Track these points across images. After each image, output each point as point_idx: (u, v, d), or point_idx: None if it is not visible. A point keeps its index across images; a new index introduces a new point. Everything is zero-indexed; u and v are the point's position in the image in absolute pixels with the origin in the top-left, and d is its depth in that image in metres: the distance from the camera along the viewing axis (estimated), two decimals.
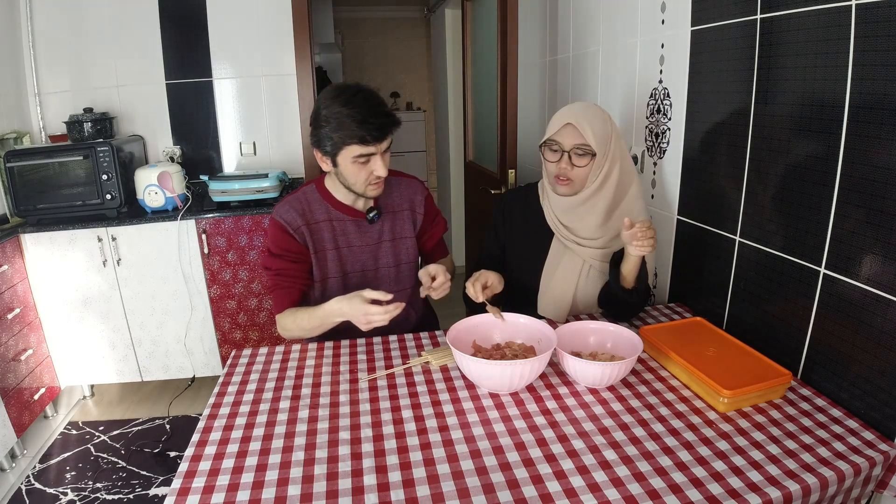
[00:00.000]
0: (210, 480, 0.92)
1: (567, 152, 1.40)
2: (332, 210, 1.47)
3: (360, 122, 1.27)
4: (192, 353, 2.60)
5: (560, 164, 1.42)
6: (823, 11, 1.09)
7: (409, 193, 1.55)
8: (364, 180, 1.36)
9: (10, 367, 2.17)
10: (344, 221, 1.47)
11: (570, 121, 1.39)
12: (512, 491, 0.87)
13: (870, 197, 1.03)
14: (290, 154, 2.94)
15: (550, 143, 1.43)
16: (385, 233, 1.51)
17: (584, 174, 1.42)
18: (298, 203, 1.46)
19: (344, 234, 1.48)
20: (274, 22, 2.78)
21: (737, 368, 1.14)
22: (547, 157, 1.45)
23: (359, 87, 1.33)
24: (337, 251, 1.47)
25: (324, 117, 1.30)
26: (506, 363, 1.08)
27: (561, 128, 1.40)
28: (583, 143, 1.39)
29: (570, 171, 1.41)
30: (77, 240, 2.38)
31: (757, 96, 1.29)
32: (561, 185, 1.44)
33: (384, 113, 1.31)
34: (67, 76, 2.73)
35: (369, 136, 1.28)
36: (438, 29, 4.32)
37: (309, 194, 1.48)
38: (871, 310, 1.04)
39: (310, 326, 1.39)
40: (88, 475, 2.11)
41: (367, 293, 1.27)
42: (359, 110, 1.27)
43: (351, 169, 1.34)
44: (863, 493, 0.97)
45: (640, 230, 1.26)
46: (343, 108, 1.28)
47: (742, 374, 1.11)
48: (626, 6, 1.84)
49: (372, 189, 1.39)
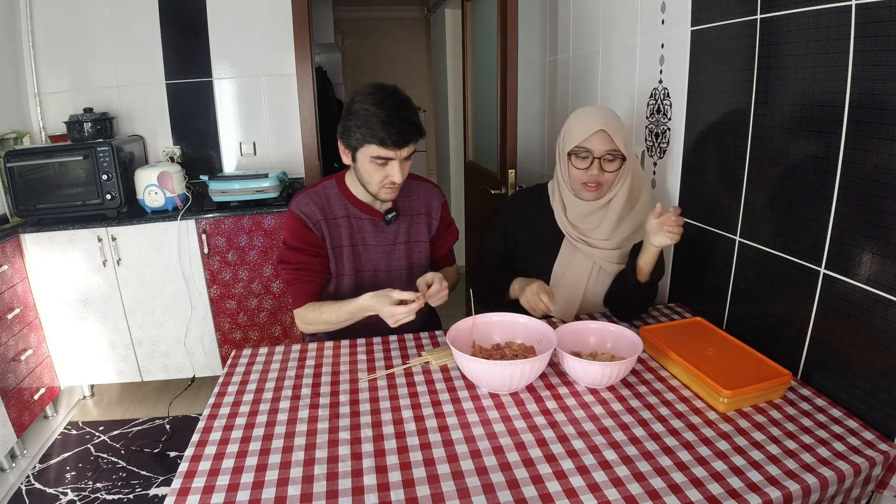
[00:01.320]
0: (210, 480, 0.92)
1: (598, 158, 1.40)
2: (351, 207, 1.47)
3: (384, 123, 1.28)
4: (192, 353, 2.60)
5: (590, 170, 1.41)
6: (823, 11, 1.09)
7: (428, 198, 1.56)
8: (379, 182, 1.37)
9: (10, 367, 2.17)
10: (361, 220, 1.48)
11: (602, 127, 1.38)
12: (512, 491, 0.87)
13: (870, 197, 1.03)
14: (290, 154, 2.94)
15: (580, 150, 1.41)
16: (401, 235, 1.52)
17: (612, 179, 1.43)
18: (318, 197, 1.46)
19: (360, 232, 1.49)
20: (274, 22, 2.78)
21: (737, 368, 1.14)
22: (576, 165, 1.43)
23: (395, 91, 1.34)
24: (353, 248, 1.48)
25: (354, 111, 1.32)
26: (506, 363, 1.08)
27: (592, 134, 1.39)
28: (613, 148, 1.39)
29: (601, 176, 1.41)
30: (77, 240, 2.38)
31: (757, 96, 1.29)
32: (590, 191, 1.43)
33: (410, 121, 1.31)
34: (67, 76, 2.73)
35: (389, 139, 1.29)
36: (438, 29, 4.32)
37: (329, 189, 1.48)
38: (871, 310, 1.04)
39: (337, 321, 1.40)
40: (88, 475, 2.11)
41: (395, 294, 1.28)
42: (387, 112, 1.28)
43: (368, 168, 1.35)
44: (863, 493, 0.97)
45: (673, 215, 1.28)
46: (372, 107, 1.29)
47: (742, 374, 1.11)
48: (626, 6, 1.84)
49: (385, 192, 1.39)
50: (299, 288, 1.45)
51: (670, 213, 1.29)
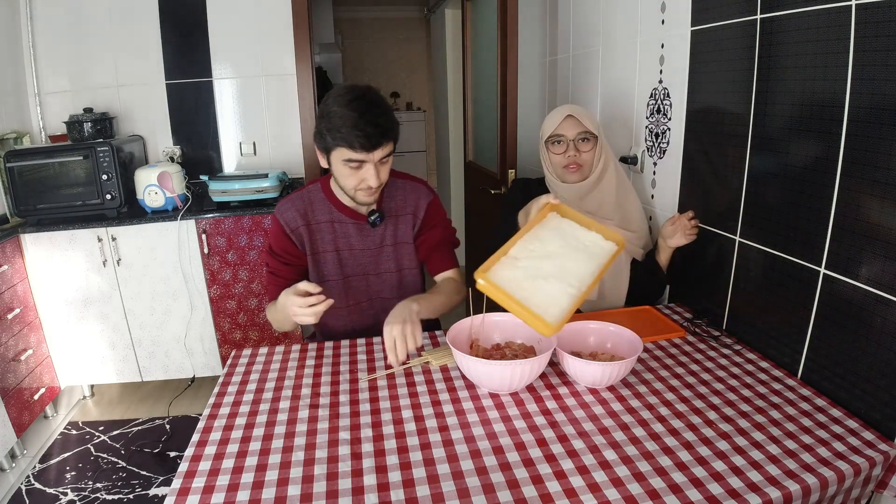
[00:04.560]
0: (210, 480, 0.92)
1: (572, 141, 1.55)
2: (335, 211, 1.45)
3: (351, 126, 1.22)
4: (192, 353, 2.60)
5: (567, 153, 1.55)
6: (823, 11, 1.09)
7: (415, 197, 1.49)
8: (353, 186, 1.31)
9: (10, 367, 2.17)
10: (345, 223, 1.45)
11: (570, 112, 1.55)
12: (512, 491, 0.87)
13: (869, 197, 1.03)
14: (290, 154, 2.95)
15: (555, 137, 1.56)
16: (387, 237, 1.48)
17: (590, 158, 1.57)
18: (301, 202, 1.45)
19: (345, 236, 1.46)
20: (274, 22, 2.78)
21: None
22: (553, 151, 1.57)
23: (366, 91, 1.28)
24: (337, 253, 1.46)
25: (325, 113, 1.27)
26: (506, 363, 1.08)
27: (562, 121, 1.55)
28: (583, 129, 1.55)
29: (578, 157, 1.55)
30: (77, 240, 2.38)
31: (757, 96, 1.29)
32: (572, 172, 1.56)
33: (378, 123, 1.24)
34: (67, 76, 2.73)
35: (357, 142, 1.23)
36: (438, 29, 4.32)
37: (313, 193, 1.46)
38: (871, 310, 1.04)
39: (280, 318, 1.38)
40: (88, 475, 2.11)
41: (301, 285, 1.21)
42: (355, 115, 1.22)
43: (342, 171, 1.30)
44: (863, 493, 0.97)
45: (686, 218, 1.48)
46: (341, 109, 1.24)
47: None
48: (626, 6, 1.84)
49: (362, 195, 1.34)
50: (270, 291, 1.48)
51: (685, 217, 1.48)
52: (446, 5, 3.89)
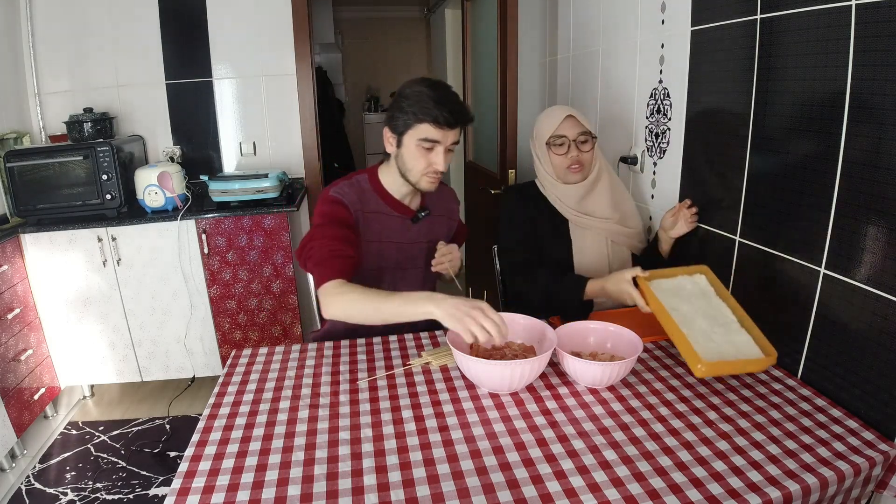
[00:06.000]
0: (210, 480, 0.92)
1: (573, 141, 1.54)
2: (382, 203, 1.47)
3: (437, 102, 1.30)
4: (192, 353, 2.60)
5: (570, 153, 1.55)
6: (823, 11, 1.09)
7: (448, 201, 1.61)
8: (422, 170, 1.37)
9: (10, 367, 2.17)
10: (392, 217, 1.48)
11: (569, 113, 1.55)
12: (512, 491, 0.87)
13: (869, 197, 1.03)
14: (290, 154, 2.94)
15: (556, 138, 1.55)
16: (423, 234, 1.53)
17: (590, 158, 1.58)
18: (354, 188, 1.45)
19: (389, 229, 1.48)
20: (274, 22, 2.78)
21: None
22: (556, 153, 1.56)
23: (442, 81, 1.39)
24: (379, 244, 1.47)
25: (406, 94, 1.34)
26: (506, 363, 1.08)
27: (562, 121, 1.55)
28: (583, 129, 1.55)
29: (580, 157, 1.55)
30: (77, 240, 2.38)
31: (757, 96, 1.30)
32: (575, 172, 1.56)
33: (462, 104, 1.36)
34: (67, 76, 2.73)
35: (442, 117, 1.30)
36: (438, 29, 4.32)
37: (363, 183, 1.47)
38: (871, 310, 1.04)
39: (369, 310, 1.20)
40: (88, 475, 2.11)
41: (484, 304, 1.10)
42: (440, 94, 1.32)
43: (413, 153, 1.35)
44: (863, 493, 0.97)
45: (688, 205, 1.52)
46: (426, 89, 1.32)
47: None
48: (626, 6, 1.84)
49: (426, 181, 1.39)
50: (336, 263, 1.28)
51: (684, 205, 1.52)
52: (446, 5, 3.89)
